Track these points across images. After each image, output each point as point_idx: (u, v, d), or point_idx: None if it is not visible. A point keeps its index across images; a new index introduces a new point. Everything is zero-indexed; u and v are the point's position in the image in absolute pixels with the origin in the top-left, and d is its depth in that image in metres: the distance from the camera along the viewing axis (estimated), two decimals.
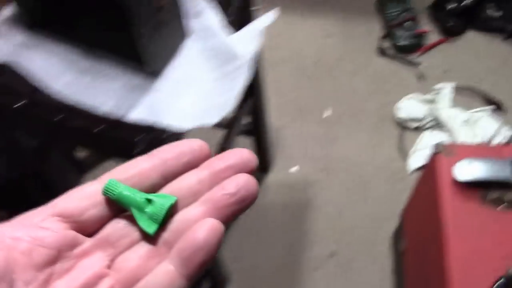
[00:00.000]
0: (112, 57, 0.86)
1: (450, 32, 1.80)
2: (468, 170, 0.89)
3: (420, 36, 1.79)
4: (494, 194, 0.88)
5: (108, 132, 0.82)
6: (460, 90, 1.67)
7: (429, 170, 0.99)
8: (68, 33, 0.86)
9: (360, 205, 1.51)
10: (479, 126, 1.54)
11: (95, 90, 0.84)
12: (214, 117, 0.73)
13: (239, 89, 0.75)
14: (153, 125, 0.79)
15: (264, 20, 0.85)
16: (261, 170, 1.58)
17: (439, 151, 0.94)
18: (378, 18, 1.89)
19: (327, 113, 1.69)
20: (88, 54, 0.87)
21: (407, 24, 1.80)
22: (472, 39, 1.82)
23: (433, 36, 1.83)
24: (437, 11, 1.82)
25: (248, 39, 0.80)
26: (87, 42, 0.86)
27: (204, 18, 0.87)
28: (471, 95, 1.67)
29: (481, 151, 0.95)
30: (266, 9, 2.05)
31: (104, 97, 0.83)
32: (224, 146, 1.19)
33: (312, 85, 1.76)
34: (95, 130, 0.83)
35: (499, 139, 1.53)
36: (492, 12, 1.77)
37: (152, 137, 0.79)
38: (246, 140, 1.45)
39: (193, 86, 0.79)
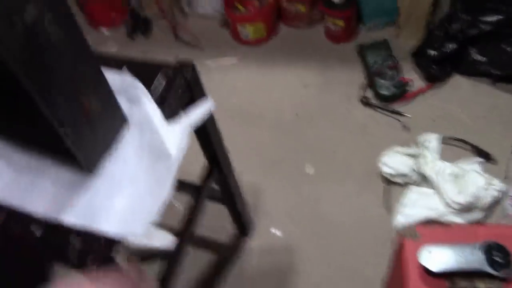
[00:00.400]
0: (47, 153, 0.84)
1: (435, 78, 1.77)
2: (434, 257, 0.85)
3: (404, 84, 1.76)
4: (463, 283, 0.84)
5: (44, 236, 0.79)
6: (446, 141, 1.63)
7: (397, 254, 0.95)
8: (3, 130, 0.85)
9: (344, 269, 1.46)
10: (467, 180, 1.49)
11: (32, 190, 0.82)
12: (140, 227, 0.70)
13: (164, 197, 0.72)
14: (87, 230, 0.76)
15: (199, 112, 0.83)
16: (241, 234, 1.54)
17: (404, 235, 0.90)
18: (360, 66, 1.87)
19: (308, 169, 1.65)
20: (25, 150, 0.85)
21: (389, 72, 1.78)
22: (458, 84, 1.79)
23: (418, 83, 1.80)
24: (420, 58, 1.80)
25: (181, 134, 0.78)
26: (21, 138, 0.84)
27: (141, 106, 0.85)
28: (458, 145, 1.63)
29: (449, 233, 0.91)
30: (241, 61, 2.04)
31: (40, 197, 0.81)
32: (193, 214, 1.15)
33: (292, 140, 1.73)
34: (36, 236, 0.80)
35: (489, 194, 1.48)
36: (477, 56, 1.74)
37: (88, 243, 0.76)
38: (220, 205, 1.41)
39: (127, 187, 0.76)
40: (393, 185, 1.58)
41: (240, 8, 1.97)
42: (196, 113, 0.86)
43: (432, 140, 1.61)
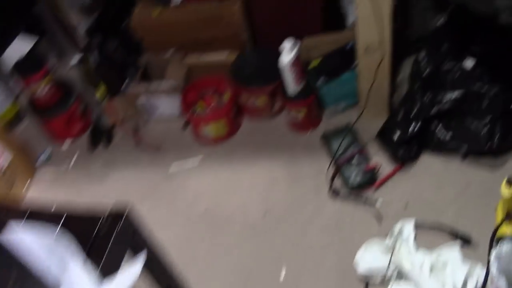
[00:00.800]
0: None
1: (403, 160, 1.75)
2: None
3: (372, 170, 1.73)
4: None
5: None
6: (422, 226, 1.59)
7: None
8: None
9: None
10: (448, 272, 1.43)
11: None
12: None
13: None
14: None
15: (134, 269, 0.79)
16: None
17: None
18: (326, 155, 1.85)
19: (281, 275, 1.59)
20: None
21: (356, 159, 1.76)
22: (428, 163, 1.77)
23: (386, 166, 1.78)
24: (385, 140, 1.79)
25: None
26: None
27: (70, 270, 0.80)
28: (435, 230, 1.58)
29: None
30: (205, 162, 1.99)
31: None
32: None
33: (262, 243, 1.68)
34: None
35: (472, 283, 1.42)
36: (442, 134, 1.73)
37: None
38: None
39: None
40: (372, 284, 1.52)
41: (199, 108, 1.98)
42: (131, 270, 0.81)
43: (406, 229, 1.57)
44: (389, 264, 1.49)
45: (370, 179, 1.73)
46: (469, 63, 1.77)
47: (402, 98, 1.77)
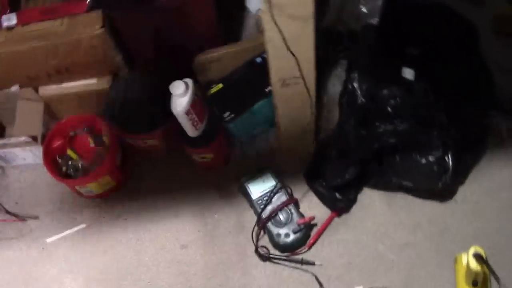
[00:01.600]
0: None
1: (341, 208, 1.43)
2: None
3: (305, 226, 1.41)
4: None
5: None
6: None
7: None
8: None
9: None
10: None
11: None
12: None
13: None
14: None
15: None
16: None
17: None
18: (246, 204, 1.49)
19: None
20: None
21: (283, 214, 1.42)
22: (370, 203, 1.47)
23: (320, 212, 1.45)
24: (315, 183, 1.45)
25: None
26: None
27: None
28: None
29: None
30: (92, 225, 1.50)
31: None
32: None
33: None
34: None
35: None
36: (385, 172, 1.41)
37: None
38: None
39: None
40: None
41: (72, 155, 1.50)
42: None
43: None
44: None
45: (304, 236, 1.42)
46: (408, 73, 1.42)
47: (333, 134, 1.40)
